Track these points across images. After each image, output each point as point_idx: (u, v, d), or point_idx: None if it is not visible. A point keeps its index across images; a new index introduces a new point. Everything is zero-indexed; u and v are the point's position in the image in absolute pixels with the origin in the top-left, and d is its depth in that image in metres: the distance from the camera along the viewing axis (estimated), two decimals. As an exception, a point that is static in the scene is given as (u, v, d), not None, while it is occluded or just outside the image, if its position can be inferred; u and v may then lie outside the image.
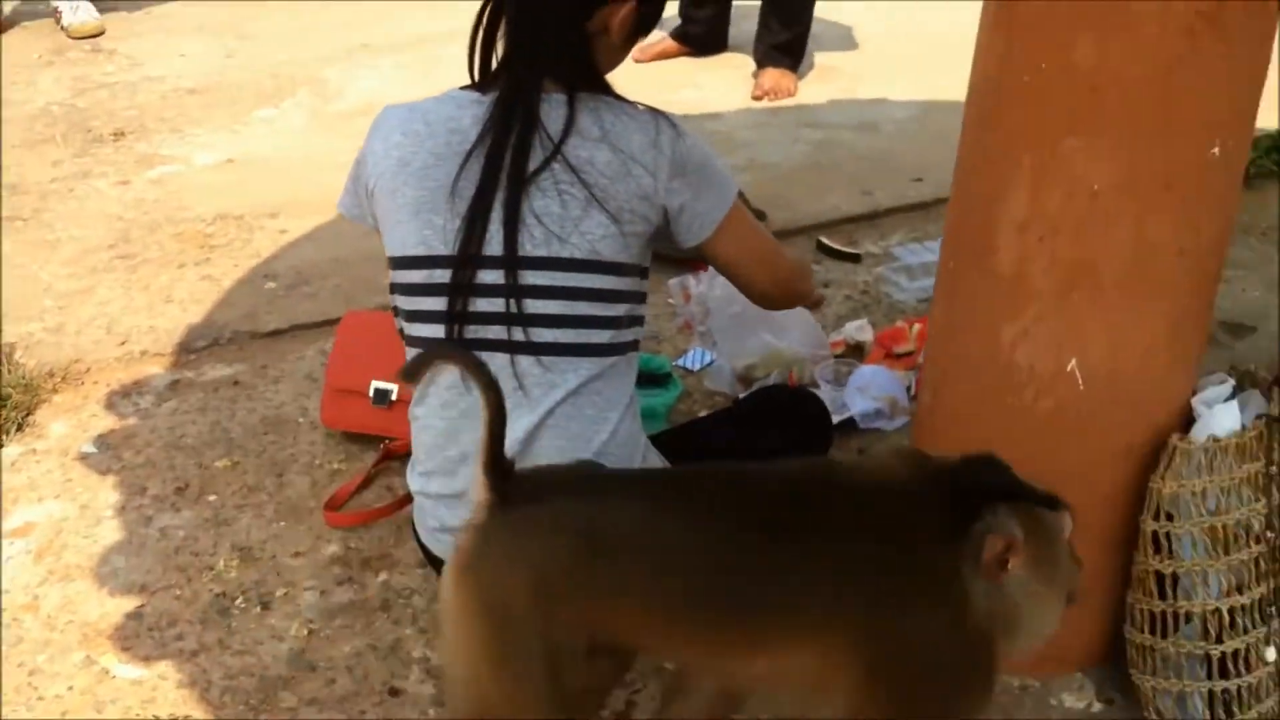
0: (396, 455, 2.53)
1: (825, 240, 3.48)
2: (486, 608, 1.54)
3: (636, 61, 4.97)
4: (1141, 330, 1.83)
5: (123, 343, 3.03)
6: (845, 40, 5.31)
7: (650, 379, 2.74)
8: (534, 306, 1.90)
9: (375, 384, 2.57)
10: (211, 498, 2.48)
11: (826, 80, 4.84)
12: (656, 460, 2.06)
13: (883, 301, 3.20)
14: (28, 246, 3.52)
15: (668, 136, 1.91)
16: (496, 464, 1.55)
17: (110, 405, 2.79)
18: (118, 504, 2.46)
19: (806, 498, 1.60)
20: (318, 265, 3.38)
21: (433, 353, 1.83)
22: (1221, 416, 1.90)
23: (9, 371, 2.89)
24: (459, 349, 1.84)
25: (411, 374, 1.74)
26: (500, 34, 1.94)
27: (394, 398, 2.57)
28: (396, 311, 2.03)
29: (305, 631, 2.13)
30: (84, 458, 2.61)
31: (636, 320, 2.01)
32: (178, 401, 2.80)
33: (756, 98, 4.64)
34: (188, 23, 5.48)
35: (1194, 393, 1.97)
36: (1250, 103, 1.77)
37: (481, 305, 1.91)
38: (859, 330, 2.98)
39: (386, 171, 1.95)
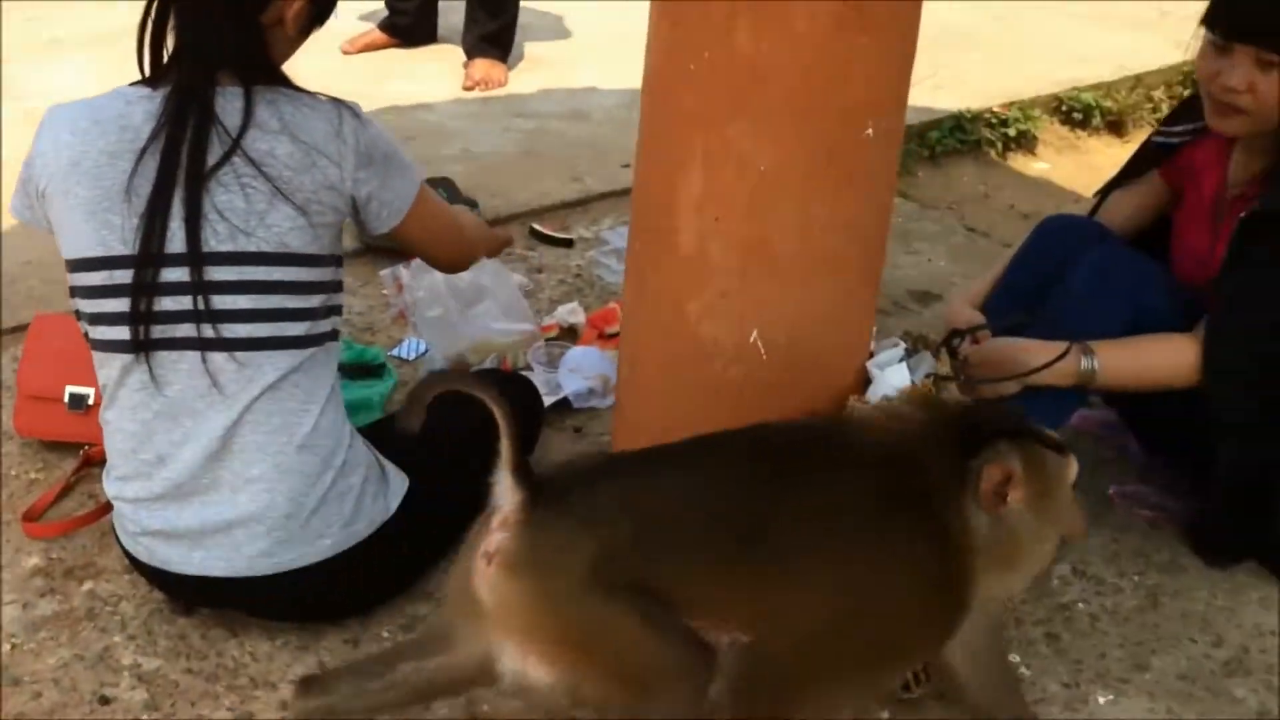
0: (97, 461, 2.46)
1: (537, 226, 3.55)
2: (551, 588, 1.57)
3: (344, 53, 4.95)
4: (815, 301, 1.96)
5: None
6: (556, 30, 5.40)
7: (365, 370, 2.76)
8: (223, 302, 1.89)
9: (70, 389, 2.48)
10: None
11: (537, 70, 4.92)
12: (363, 451, 2.08)
13: (595, 284, 3.29)
14: None
15: (351, 126, 1.93)
16: (522, 467, 1.58)
17: None
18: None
19: (817, 448, 1.73)
20: (9, 269, 3.24)
21: (426, 385, 1.70)
22: (892, 377, 2.05)
23: None
24: (455, 377, 1.84)
25: (410, 419, 1.65)
26: (170, 27, 1.92)
27: (90, 402, 2.48)
28: (79, 315, 1.99)
29: (8, 647, 2.06)
30: None
31: (334, 310, 2.03)
32: None
33: (467, 88, 4.67)
34: None
35: (871, 357, 2.13)
36: (900, 87, 1.92)
37: (167, 304, 1.89)
38: (571, 313, 3.06)
39: (57, 172, 1.90)
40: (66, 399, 2.49)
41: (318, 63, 2.22)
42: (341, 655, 2.07)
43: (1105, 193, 2.63)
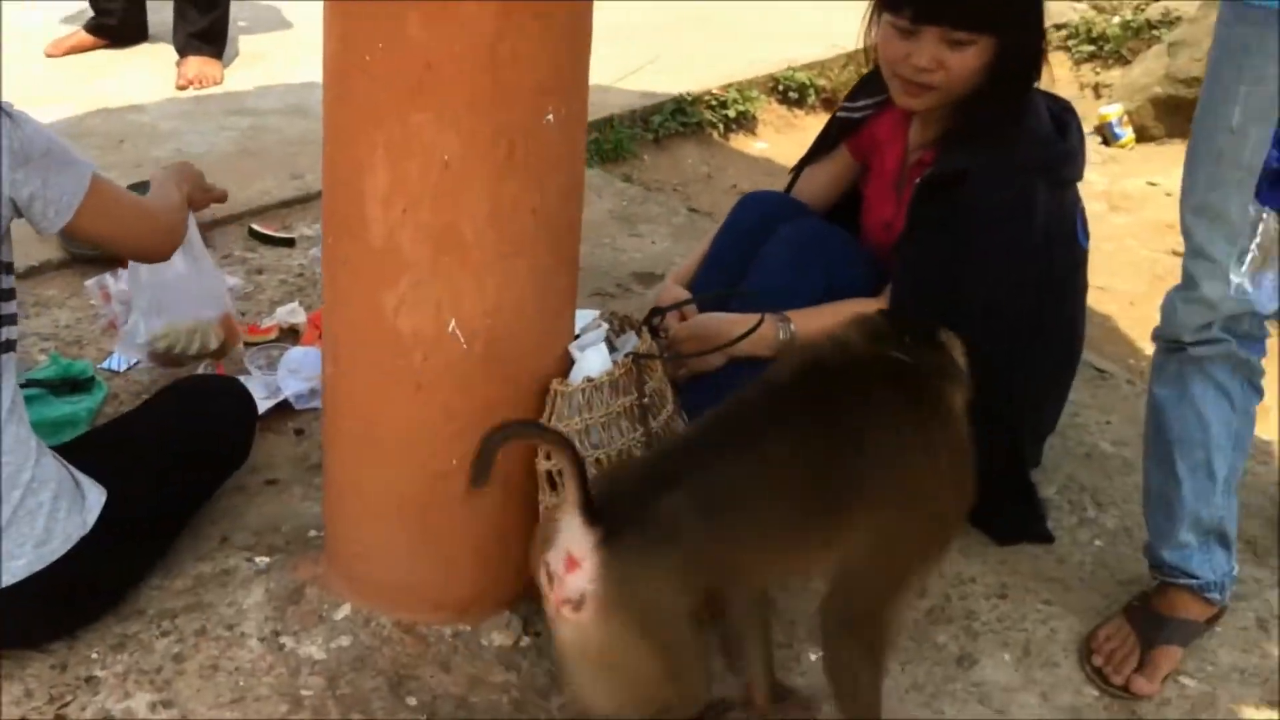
0: None
1: (256, 227, 3.47)
2: (646, 619, 1.61)
3: (49, 56, 4.72)
4: (510, 287, 1.97)
5: None
6: (275, 22, 5.30)
7: (73, 385, 2.65)
8: None
9: None
10: None
11: (255, 65, 4.80)
12: (53, 465, 2.00)
13: (318, 283, 3.24)
14: None
15: (4, 128, 1.88)
16: (589, 506, 1.56)
17: None
18: None
19: (834, 382, 1.81)
20: None
21: (495, 438, 1.61)
22: (593, 358, 2.09)
23: None
24: (530, 428, 1.85)
25: (481, 474, 1.58)
26: None
27: None
28: None
29: None
30: None
31: (7, 319, 1.95)
32: None
33: (181, 87, 4.53)
34: None
35: (576, 339, 2.17)
36: (578, 70, 1.95)
37: None
38: (291, 313, 3.02)
39: None
40: None
41: (22, 67, 2.15)
42: (49, 681, 1.99)
43: (799, 169, 2.73)
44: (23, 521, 1.93)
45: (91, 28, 4.83)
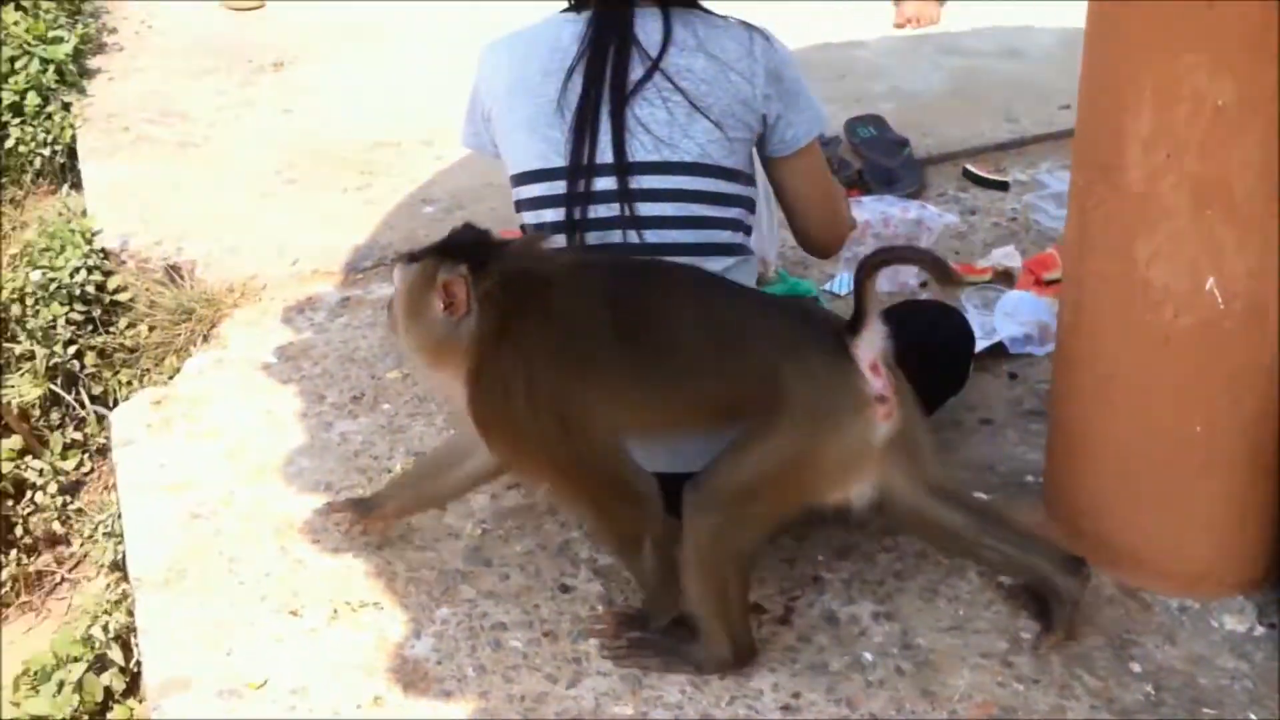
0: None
1: (971, 168, 3.52)
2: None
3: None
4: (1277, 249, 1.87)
5: (294, 262, 3.20)
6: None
7: (798, 301, 2.84)
8: (647, 209, 2.01)
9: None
10: (385, 406, 2.65)
11: (969, 7, 4.82)
12: None
13: (1031, 229, 3.25)
14: (201, 170, 3.73)
15: (761, 46, 2.03)
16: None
17: (287, 320, 2.98)
18: (299, 411, 2.64)
19: None
20: (471, 190, 3.52)
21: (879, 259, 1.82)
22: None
23: (191, 286, 3.10)
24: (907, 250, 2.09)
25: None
26: None
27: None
28: (523, 228, 2.15)
29: (479, 531, 2.28)
30: (266, 367, 2.80)
31: (747, 228, 2.12)
32: (349, 317, 2.98)
33: (898, 25, 4.65)
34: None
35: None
36: None
37: (600, 211, 2.03)
38: (1006, 256, 3.04)
39: (500, 95, 2.08)
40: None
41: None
42: (780, 574, 2.17)
43: None
44: None
45: (820, -35, 5.06)
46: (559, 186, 2.03)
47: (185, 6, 4.97)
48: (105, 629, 2.16)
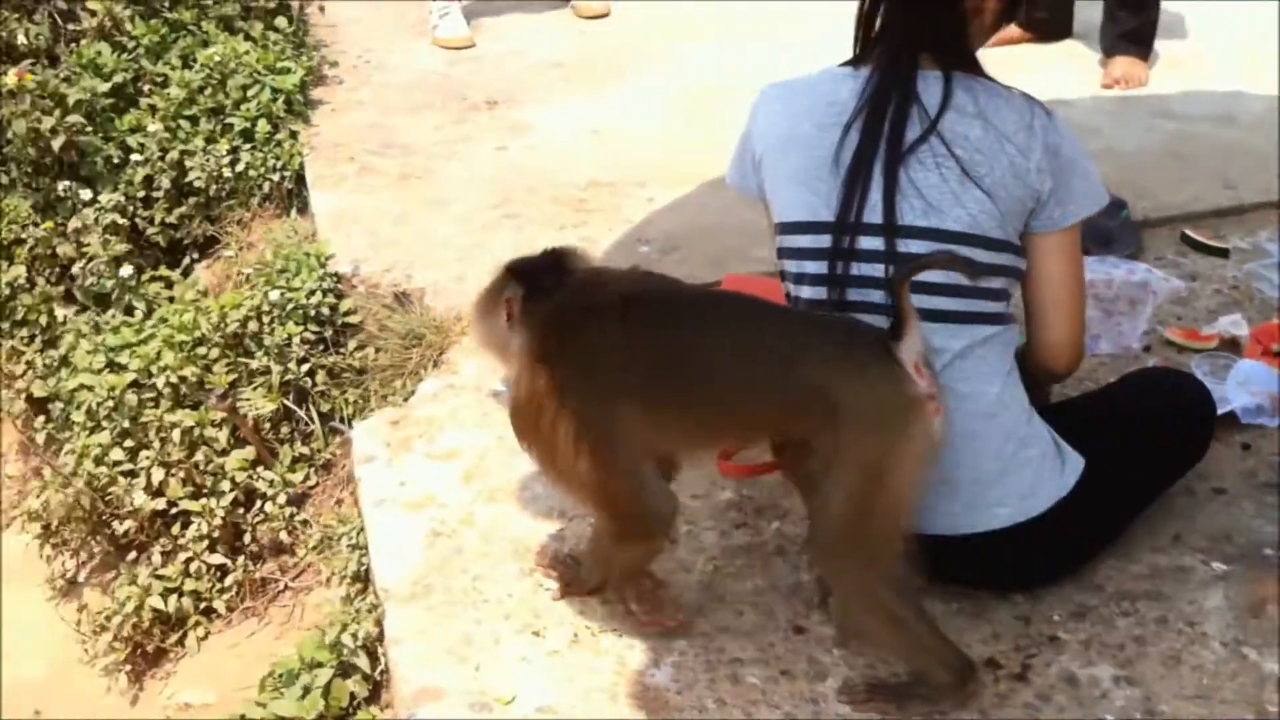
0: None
1: (1190, 233, 3.48)
2: None
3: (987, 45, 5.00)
4: None
5: (518, 294, 3.30)
6: (1180, 29, 5.20)
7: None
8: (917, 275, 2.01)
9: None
10: (612, 439, 2.72)
11: (1175, 70, 4.77)
12: (1041, 427, 2.15)
13: (1254, 298, 3.20)
14: (423, 202, 3.86)
15: (1041, 121, 2.04)
16: None
17: (513, 350, 3.07)
18: (531, 438, 2.72)
19: None
20: (686, 233, 3.59)
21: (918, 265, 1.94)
22: None
23: (420, 313, 3.22)
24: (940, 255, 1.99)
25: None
26: (878, 10, 2.07)
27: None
28: (783, 275, 2.19)
29: (710, 567, 2.33)
30: (495, 395, 2.89)
31: (1009, 297, 2.12)
32: (574, 351, 3.06)
33: (1106, 86, 4.61)
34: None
35: None
36: None
37: (863, 269, 2.05)
38: (1233, 325, 3.00)
39: (774, 144, 2.12)
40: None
41: None
42: (1015, 630, 2.18)
43: None
44: (1013, 474, 2.10)
45: (1023, 21, 5.05)
46: (824, 240, 2.07)
47: (398, 43, 5.18)
48: (354, 637, 2.25)
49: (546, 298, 2.02)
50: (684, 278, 3.30)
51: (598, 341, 1.99)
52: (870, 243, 2.05)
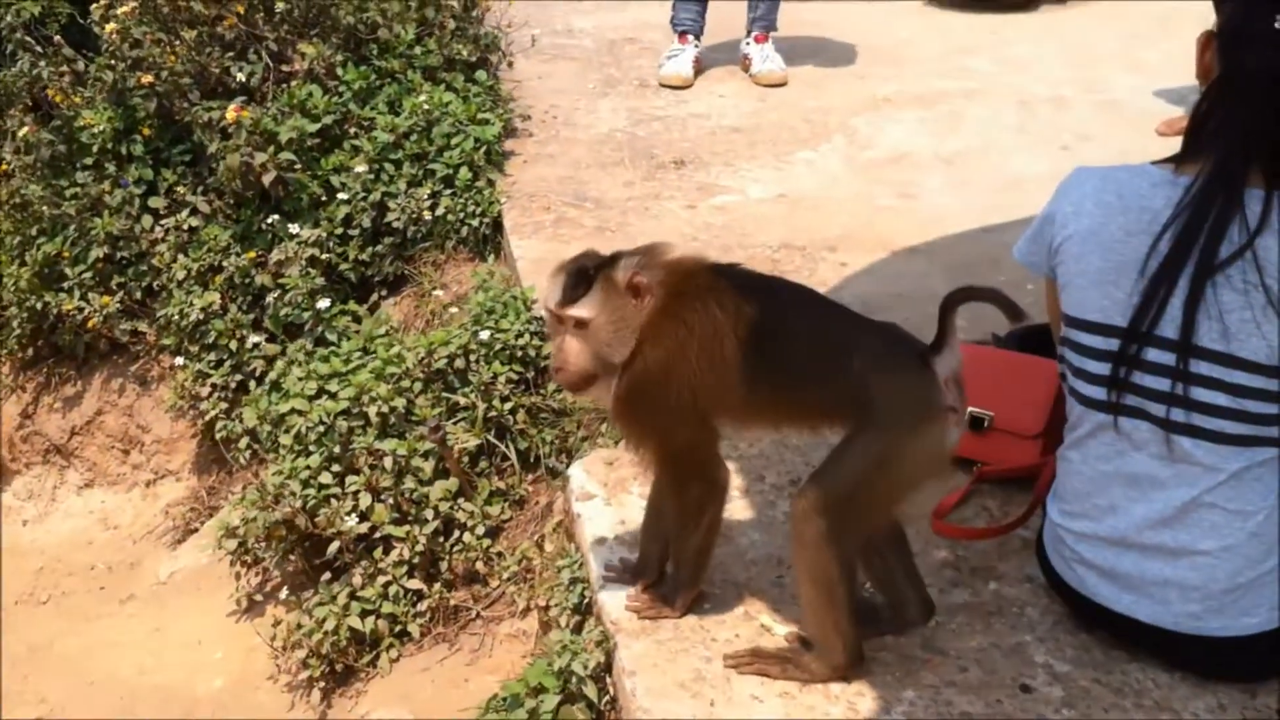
0: (988, 479, 2.74)
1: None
2: None
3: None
4: None
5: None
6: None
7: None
8: (1201, 395, 2.02)
9: (972, 410, 2.78)
10: (823, 493, 2.77)
11: None
12: None
13: None
14: (620, 256, 3.98)
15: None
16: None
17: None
18: (742, 487, 2.79)
19: None
20: (881, 298, 3.64)
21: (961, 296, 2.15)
22: None
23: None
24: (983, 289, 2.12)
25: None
26: (1214, 115, 2.02)
27: (986, 425, 2.78)
28: (1062, 360, 2.22)
29: (933, 622, 2.37)
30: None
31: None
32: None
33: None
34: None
35: None
36: None
37: (1146, 380, 2.06)
38: None
39: (1076, 236, 2.13)
40: (968, 420, 2.78)
41: (1132, 142, 2.35)
42: (1238, 702, 2.18)
43: None
44: (1266, 586, 2.11)
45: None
46: (1112, 343, 2.08)
47: (582, 101, 5.34)
48: (585, 666, 2.32)
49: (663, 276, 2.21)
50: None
51: (717, 315, 2.17)
52: (1158, 356, 2.04)
